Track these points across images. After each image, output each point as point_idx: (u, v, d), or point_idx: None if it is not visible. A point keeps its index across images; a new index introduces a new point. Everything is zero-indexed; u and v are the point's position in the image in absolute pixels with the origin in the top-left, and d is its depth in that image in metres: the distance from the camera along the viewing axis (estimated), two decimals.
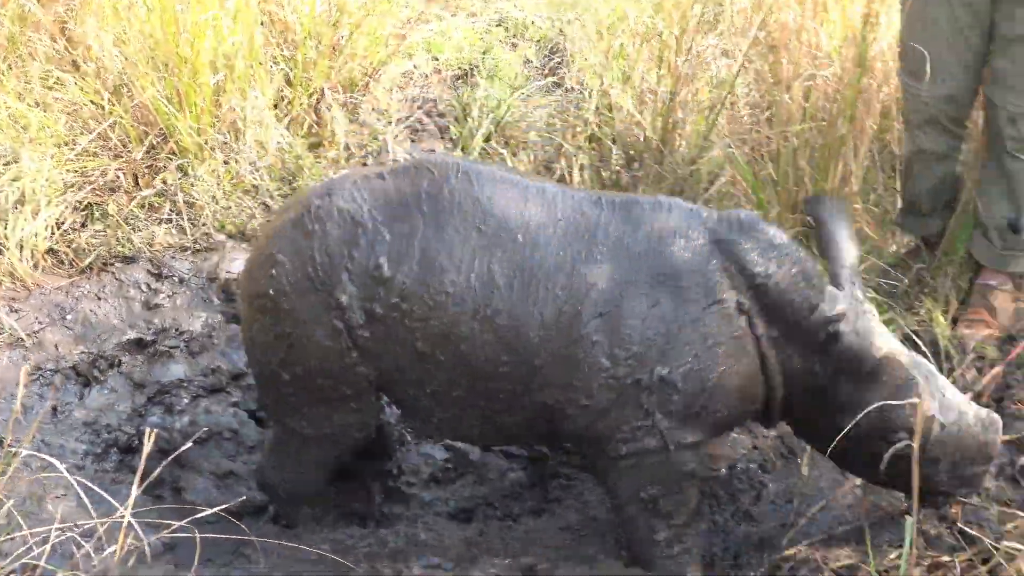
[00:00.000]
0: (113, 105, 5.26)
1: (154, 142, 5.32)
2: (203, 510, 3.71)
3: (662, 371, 3.37)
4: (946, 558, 3.43)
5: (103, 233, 5.07)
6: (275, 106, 5.67)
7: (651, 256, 3.42)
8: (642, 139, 5.39)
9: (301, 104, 5.64)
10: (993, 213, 4.65)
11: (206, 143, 5.31)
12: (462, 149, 5.93)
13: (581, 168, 5.58)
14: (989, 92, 4.53)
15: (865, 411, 3.33)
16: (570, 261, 3.40)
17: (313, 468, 3.83)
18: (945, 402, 3.53)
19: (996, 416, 3.65)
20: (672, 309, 3.38)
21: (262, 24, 5.77)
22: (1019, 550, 3.09)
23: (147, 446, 3.25)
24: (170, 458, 3.86)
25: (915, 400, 3.30)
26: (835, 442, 3.40)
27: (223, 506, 3.85)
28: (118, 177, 5.23)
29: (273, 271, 3.52)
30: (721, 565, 3.83)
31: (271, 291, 3.52)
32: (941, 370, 4.38)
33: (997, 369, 4.32)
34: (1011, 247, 4.67)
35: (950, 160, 4.81)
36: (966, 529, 3.58)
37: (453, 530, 3.98)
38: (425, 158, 4.13)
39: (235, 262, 5.07)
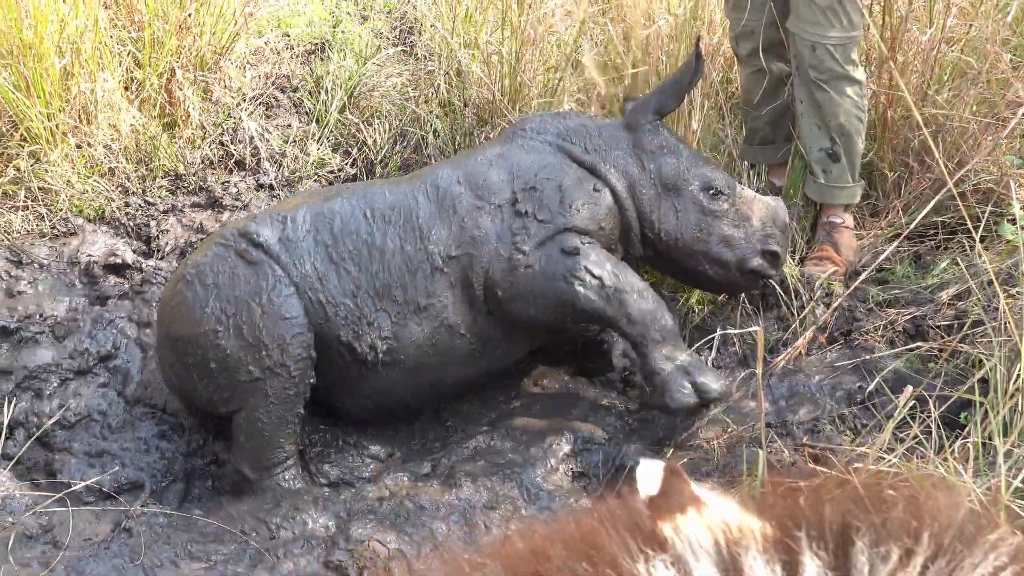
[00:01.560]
0: None
1: (3, 129, 5.27)
2: (75, 485, 3.78)
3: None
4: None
5: None
6: (126, 88, 5.65)
7: None
8: (492, 100, 5.50)
9: (152, 85, 5.62)
10: (811, 147, 4.88)
11: (57, 128, 5.28)
12: (317, 122, 5.98)
13: (436, 133, 5.70)
14: (789, 25, 4.77)
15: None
16: None
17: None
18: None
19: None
20: None
21: (106, 6, 5.74)
22: (858, 467, 3.27)
23: (6, 417, 3.28)
24: (33, 437, 3.90)
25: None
26: None
27: (95, 479, 3.92)
28: None
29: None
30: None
31: None
32: (791, 307, 4.63)
33: (839, 301, 4.56)
34: (835, 180, 4.91)
35: (779, 90, 5.05)
36: (819, 454, 3.79)
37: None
38: None
39: (95, 245, 5.06)
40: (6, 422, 4.19)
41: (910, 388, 3.14)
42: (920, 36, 5.11)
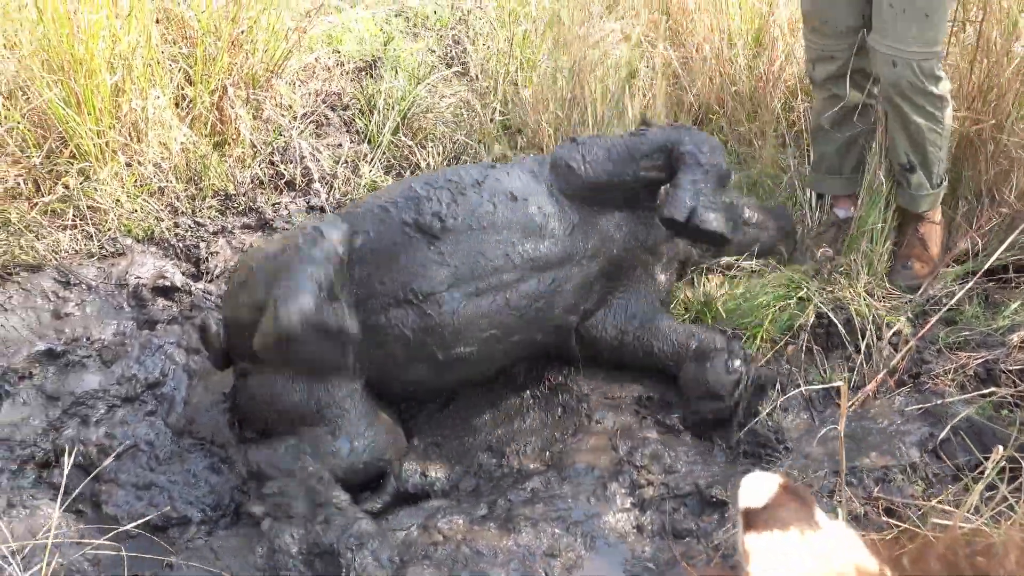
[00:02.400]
0: (8, 110, 5.11)
1: (53, 146, 5.19)
2: (124, 525, 3.68)
3: None
4: (873, 536, 3.47)
5: (5, 242, 4.94)
6: (176, 105, 5.56)
7: None
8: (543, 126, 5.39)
9: (203, 102, 5.54)
10: (892, 159, 4.86)
11: (107, 145, 5.20)
12: (369, 142, 5.88)
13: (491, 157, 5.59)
14: (871, 40, 4.65)
15: None
16: None
17: None
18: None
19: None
20: None
21: (158, 22, 5.66)
22: (944, 527, 3.14)
23: (67, 463, 3.19)
24: (90, 476, 3.80)
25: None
26: None
27: (144, 519, 3.82)
28: (18, 183, 5.09)
29: None
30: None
31: None
32: (857, 347, 4.50)
33: (911, 344, 4.42)
34: (915, 188, 4.87)
35: (850, 119, 4.95)
36: (892, 507, 3.65)
37: None
38: None
39: (144, 267, 4.98)
40: (56, 452, 4.11)
41: (1000, 449, 2.99)
42: (1008, 64, 4.96)
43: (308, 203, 5.57)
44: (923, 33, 4.49)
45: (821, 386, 3.40)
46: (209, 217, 5.36)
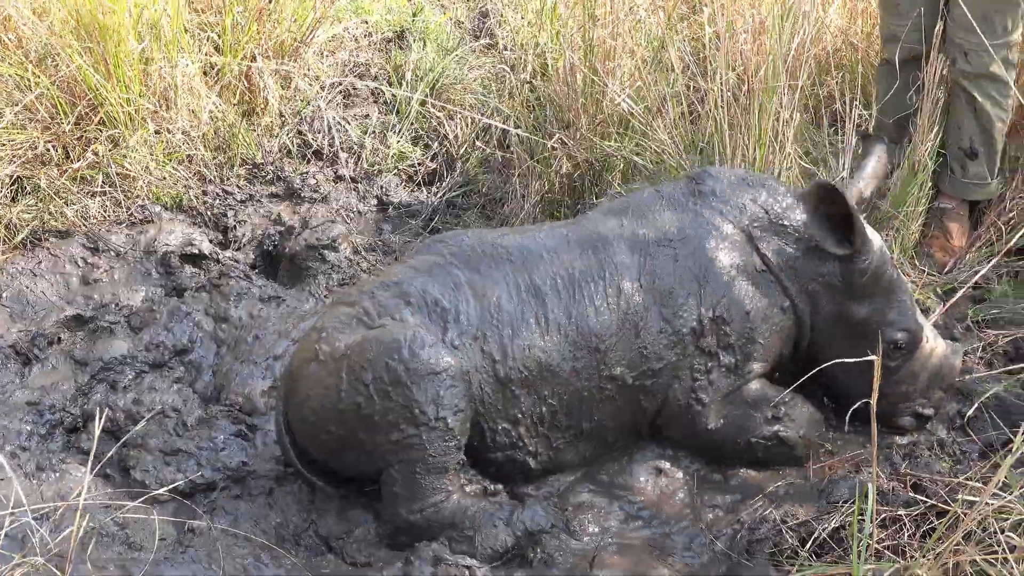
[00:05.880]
0: (38, 77, 5.12)
1: (83, 113, 5.20)
2: (153, 490, 3.70)
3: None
4: (901, 512, 3.47)
5: (35, 208, 4.97)
6: (204, 74, 5.57)
7: None
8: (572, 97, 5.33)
9: (231, 71, 5.54)
10: (951, 144, 4.92)
11: (136, 112, 5.21)
12: (396, 113, 5.87)
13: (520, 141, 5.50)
14: (950, 31, 4.74)
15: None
16: None
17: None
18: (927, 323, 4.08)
19: (959, 344, 4.22)
20: None
21: None
22: (972, 502, 3.12)
23: (98, 428, 3.20)
24: (120, 442, 3.82)
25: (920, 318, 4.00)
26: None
27: (175, 484, 3.84)
28: (48, 150, 5.11)
29: None
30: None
31: None
32: None
33: (935, 315, 4.41)
34: (972, 177, 4.93)
35: (907, 94, 4.94)
36: (919, 483, 3.64)
37: None
38: None
39: (172, 234, 4.99)
40: (84, 417, 4.13)
41: None
42: None
43: (336, 172, 5.57)
44: (994, 26, 4.62)
45: (851, 360, 3.38)
46: (237, 186, 5.37)
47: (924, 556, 3.09)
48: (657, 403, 3.86)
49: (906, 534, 3.42)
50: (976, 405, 4.06)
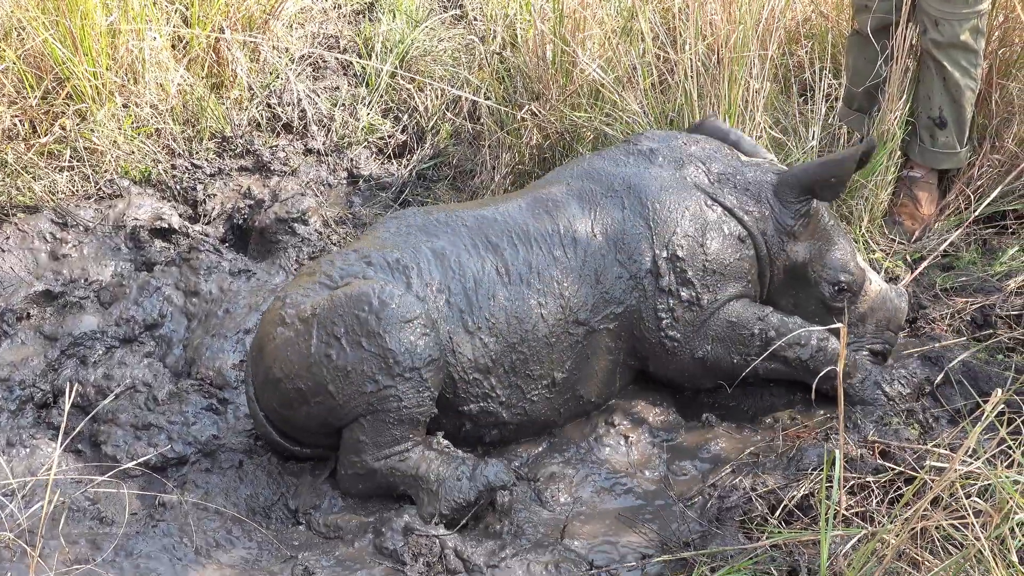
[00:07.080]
0: (4, 51, 5.07)
1: (50, 87, 5.16)
2: (123, 464, 3.69)
3: None
4: (869, 478, 3.50)
5: (2, 183, 4.93)
6: (173, 47, 5.53)
7: None
8: (541, 66, 5.31)
9: (200, 44, 5.50)
10: (921, 113, 4.93)
11: (104, 86, 5.17)
12: (366, 85, 5.85)
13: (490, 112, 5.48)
14: (921, 1, 4.76)
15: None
16: None
17: None
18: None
19: (902, 287, 4.38)
20: None
21: None
22: (941, 468, 3.14)
23: (68, 403, 3.19)
24: (89, 416, 3.81)
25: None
26: None
27: (146, 457, 3.83)
28: (15, 124, 5.07)
29: None
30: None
31: None
32: None
33: (906, 281, 4.45)
34: (941, 146, 4.96)
35: (875, 64, 4.96)
36: (887, 450, 3.66)
37: None
38: None
39: (141, 209, 4.97)
40: (55, 392, 4.12)
41: (999, 392, 2.99)
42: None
43: (306, 145, 5.55)
44: None
45: (820, 328, 3.42)
46: (206, 159, 5.34)
47: (892, 522, 3.11)
48: (626, 347, 4.00)
49: (874, 500, 3.45)
50: (944, 372, 4.10)
